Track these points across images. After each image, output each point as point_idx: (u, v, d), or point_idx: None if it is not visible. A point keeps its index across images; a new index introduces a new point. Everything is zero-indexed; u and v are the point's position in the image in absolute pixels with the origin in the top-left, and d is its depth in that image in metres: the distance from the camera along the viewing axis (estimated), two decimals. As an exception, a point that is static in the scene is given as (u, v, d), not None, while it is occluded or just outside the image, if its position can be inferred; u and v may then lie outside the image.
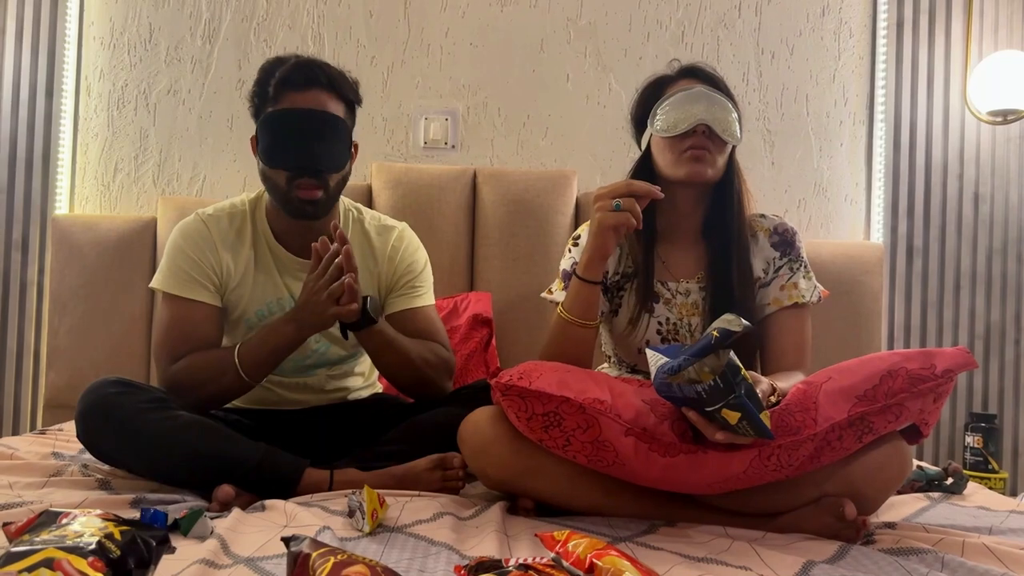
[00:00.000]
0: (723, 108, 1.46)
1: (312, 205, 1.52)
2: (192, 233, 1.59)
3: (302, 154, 1.48)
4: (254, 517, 1.22)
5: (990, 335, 2.60)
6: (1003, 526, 1.32)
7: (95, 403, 1.38)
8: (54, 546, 0.74)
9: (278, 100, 1.49)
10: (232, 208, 1.64)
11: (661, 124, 1.48)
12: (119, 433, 1.36)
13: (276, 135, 1.49)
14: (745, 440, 1.13)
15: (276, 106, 1.49)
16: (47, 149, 2.51)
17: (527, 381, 1.22)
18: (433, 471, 1.43)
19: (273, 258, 1.61)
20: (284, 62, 1.53)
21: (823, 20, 2.63)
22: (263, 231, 1.62)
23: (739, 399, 1.06)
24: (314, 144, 1.48)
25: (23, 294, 2.50)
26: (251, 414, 1.63)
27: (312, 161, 1.49)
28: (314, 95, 1.50)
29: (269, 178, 1.54)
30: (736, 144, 1.50)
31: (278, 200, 1.55)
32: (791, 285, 1.50)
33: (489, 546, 1.07)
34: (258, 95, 1.54)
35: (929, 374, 1.19)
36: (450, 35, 2.59)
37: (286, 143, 1.49)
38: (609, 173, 2.57)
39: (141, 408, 1.36)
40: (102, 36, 2.55)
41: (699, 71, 1.53)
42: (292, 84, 1.49)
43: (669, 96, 1.49)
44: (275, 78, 1.50)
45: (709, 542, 1.15)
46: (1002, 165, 2.62)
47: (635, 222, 1.33)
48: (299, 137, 1.48)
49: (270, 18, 2.57)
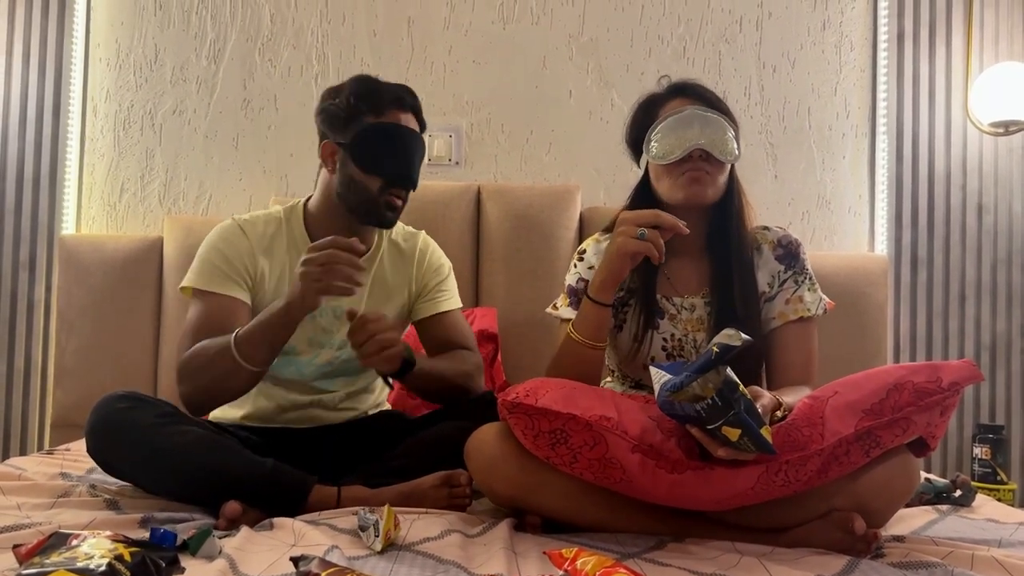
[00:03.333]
0: (717, 127, 1.45)
1: (393, 212, 1.61)
2: (228, 235, 1.61)
3: (402, 165, 1.58)
4: (262, 536, 1.22)
5: (996, 346, 2.60)
6: (1012, 538, 1.31)
7: (104, 418, 1.38)
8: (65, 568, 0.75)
9: (382, 114, 1.57)
10: (267, 216, 1.67)
11: (656, 151, 1.47)
12: (128, 448, 1.37)
13: (379, 145, 1.57)
14: (748, 456, 1.13)
15: (379, 119, 1.56)
16: (54, 169, 2.53)
17: (533, 399, 1.22)
18: (440, 488, 1.43)
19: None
20: (375, 81, 1.61)
21: (824, 34, 2.64)
22: (301, 238, 1.65)
23: (738, 415, 1.07)
24: (412, 161, 1.60)
25: (30, 313, 2.51)
26: (260, 432, 1.63)
27: (409, 172, 1.60)
28: (410, 118, 1.61)
29: (358, 183, 1.58)
30: (734, 161, 1.50)
31: (361, 205, 1.59)
32: (796, 299, 1.50)
33: (497, 564, 1.07)
34: (347, 107, 1.58)
35: (935, 387, 1.19)
36: (453, 52, 2.61)
37: (389, 153, 1.57)
38: (612, 188, 2.58)
39: (150, 423, 1.37)
40: (108, 57, 2.57)
41: (689, 88, 1.51)
42: (397, 103, 1.59)
43: (661, 120, 1.47)
44: (377, 94, 1.58)
45: (718, 558, 1.15)
46: (1005, 176, 2.62)
47: (657, 255, 1.33)
48: (401, 151, 1.58)
49: (275, 38, 2.59)
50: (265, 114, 2.58)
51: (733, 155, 1.47)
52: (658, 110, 1.51)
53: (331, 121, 1.60)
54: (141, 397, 1.43)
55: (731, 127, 1.47)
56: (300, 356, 1.64)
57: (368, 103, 1.57)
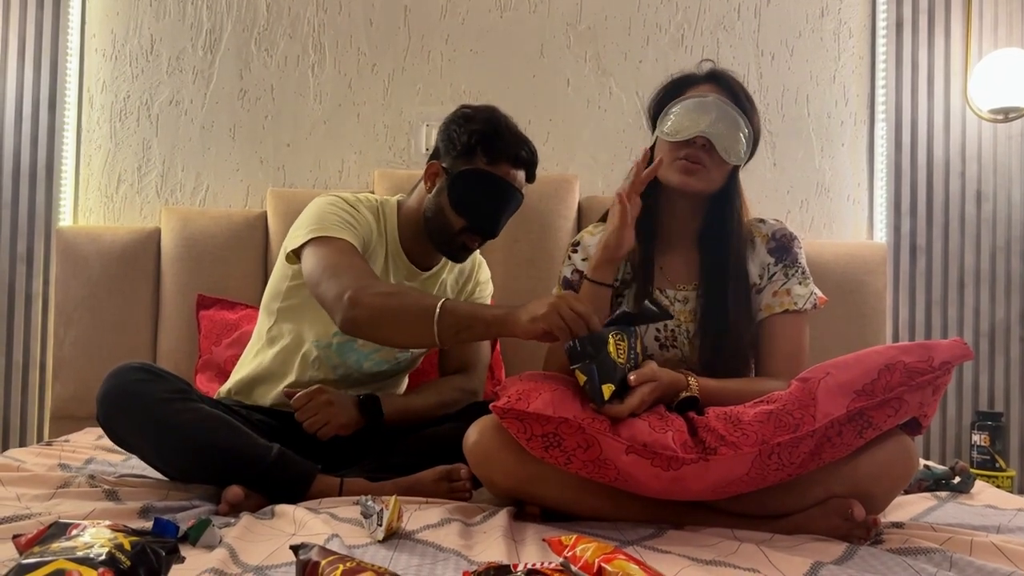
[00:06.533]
0: (732, 124, 1.45)
1: (466, 252, 1.68)
2: (342, 203, 1.64)
3: (490, 221, 1.62)
4: (262, 525, 1.22)
5: (995, 333, 2.60)
6: (1011, 524, 1.32)
7: (116, 387, 1.40)
8: (65, 557, 0.75)
9: (494, 163, 1.60)
10: (368, 201, 1.70)
11: (668, 126, 1.48)
12: (137, 419, 1.38)
13: (478, 192, 1.60)
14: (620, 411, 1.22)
15: (490, 167, 1.60)
16: (50, 161, 2.52)
17: (525, 403, 1.21)
18: (440, 482, 1.44)
19: (392, 256, 1.70)
20: (504, 127, 1.62)
21: (822, 21, 2.63)
22: (392, 231, 1.70)
23: (586, 366, 1.23)
24: (502, 216, 1.64)
25: (28, 306, 2.50)
26: (273, 415, 1.64)
27: (494, 226, 1.64)
28: (519, 175, 1.64)
29: (445, 215, 1.62)
30: (737, 164, 1.49)
31: (439, 234, 1.65)
32: (784, 292, 1.49)
33: (497, 551, 1.07)
34: (467, 143, 1.60)
35: (926, 367, 1.19)
36: (450, 42, 2.59)
37: (483, 205, 1.61)
38: (611, 177, 2.57)
39: (162, 397, 1.38)
40: (104, 48, 2.56)
41: (722, 78, 1.51)
42: (513, 159, 1.61)
43: (684, 99, 1.48)
44: (499, 143, 1.60)
45: (717, 544, 1.15)
46: (1004, 163, 2.62)
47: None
48: (496, 204, 1.62)
49: (271, 28, 2.58)
50: (262, 104, 2.57)
51: (736, 156, 1.47)
52: (687, 89, 1.52)
53: (448, 146, 1.63)
54: (156, 371, 1.44)
55: (747, 127, 1.47)
56: (364, 348, 1.67)
57: (487, 148, 1.60)
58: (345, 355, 1.66)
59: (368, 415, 1.58)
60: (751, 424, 1.19)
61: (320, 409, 1.52)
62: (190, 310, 2.32)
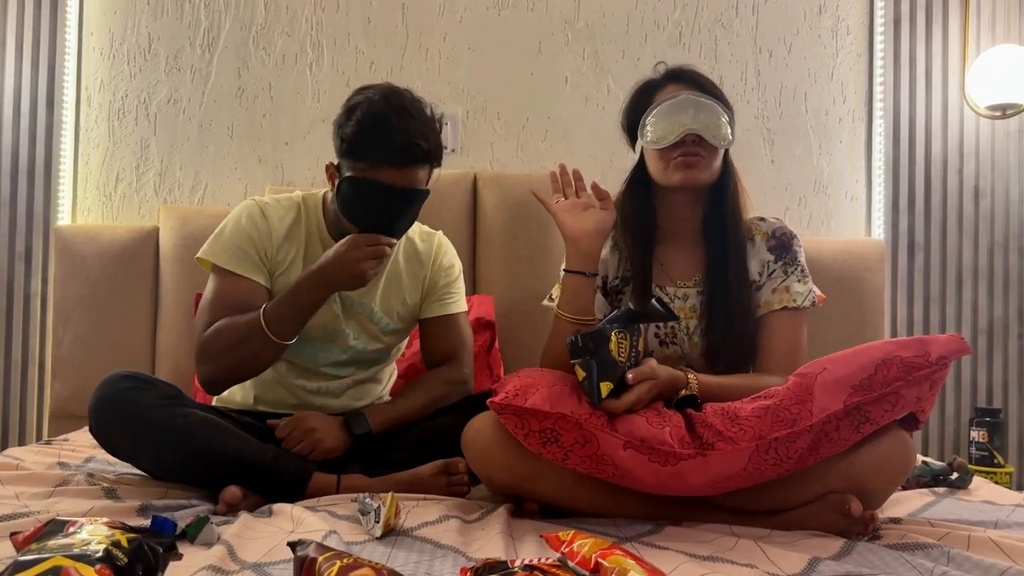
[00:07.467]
0: (711, 113, 1.46)
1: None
2: (253, 217, 1.60)
3: (384, 228, 1.49)
4: (260, 523, 1.22)
5: (993, 330, 2.60)
6: (1009, 520, 1.32)
7: (108, 396, 1.39)
8: (61, 554, 0.75)
9: (375, 167, 1.46)
10: (288, 201, 1.66)
11: (650, 136, 1.48)
12: (130, 427, 1.38)
13: (362, 201, 1.48)
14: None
15: (370, 172, 1.46)
16: (48, 160, 2.52)
17: (522, 399, 1.22)
18: (438, 476, 1.44)
19: (311, 247, 1.63)
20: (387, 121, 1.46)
21: (820, 18, 2.63)
22: (318, 226, 1.64)
23: (586, 362, 1.24)
24: (396, 222, 1.51)
25: (27, 305, 2.50)
26: (264, 418, 1.63)
27: (389, 231, 1.50)
28: (408, 173, 1.48)
29: (343, 222, 1.54)
30: (727, 146, 1.50)
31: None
32: (783, 289, 1.50)
33: (495, 548, 1.08)
34: (351, 136, 1.48)
35: (923, 362, 1.20)
36: (448, 40, 2.59)
37: (372, 213, 1.48)
38: (609, 174, 2.55)
39: (154, 403, 1.38)
40: (102, 47, 2.56)
41: (685, 74, 1.52)
42: (394, 160, 1.46)
43: (656, 105, 1.48)
44: (378, 143, 1.46)
45: (714, 540, 1.15)
46: (1002, 159, 2.62)
47: None
48: (386, 212, 1.49)
49: (269, 26, 2.57)
50: (260, 103, 2.57)
51: (726, 140, 1.47)
52: (653, 95, 1.52)
53: (335, 143, 1.53)
54: (145, 378, 1.44)
55: (725, 112, 1.48)
56: (314, 342, 1.64)
57: (365, 151, 1.47)
58: (299, 353, 1.63)
59: (354, 433, 1.55)
60: (748, 419, 1.20)
61: (304, 437, 1.49)
62: (189, 309, 2.32)
